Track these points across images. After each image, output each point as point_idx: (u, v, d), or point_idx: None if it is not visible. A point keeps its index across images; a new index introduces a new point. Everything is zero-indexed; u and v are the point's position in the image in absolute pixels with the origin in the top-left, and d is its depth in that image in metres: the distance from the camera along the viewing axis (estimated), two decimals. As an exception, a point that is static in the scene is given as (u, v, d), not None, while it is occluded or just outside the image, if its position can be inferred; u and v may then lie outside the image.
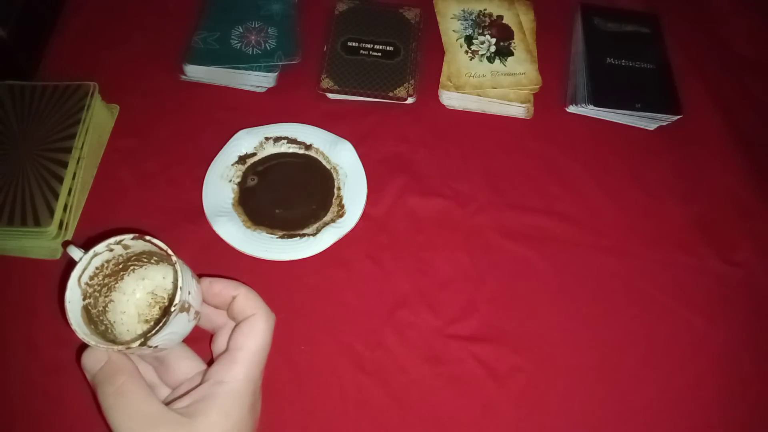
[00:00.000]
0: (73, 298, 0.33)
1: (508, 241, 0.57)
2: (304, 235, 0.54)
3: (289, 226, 0.55)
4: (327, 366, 0.50)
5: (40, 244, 0.51)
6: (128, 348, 0.31)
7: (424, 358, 0.51)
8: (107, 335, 0.34)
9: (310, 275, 0.53)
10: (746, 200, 0.61)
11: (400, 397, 0.49)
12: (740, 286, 0.56)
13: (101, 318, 0.35)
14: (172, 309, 0.31)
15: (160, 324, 0.31)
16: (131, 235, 0.33)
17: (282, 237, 0.54)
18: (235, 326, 0.35)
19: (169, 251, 0.33)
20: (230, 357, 0.33)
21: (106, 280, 0.36)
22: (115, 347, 0.31)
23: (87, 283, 0.34)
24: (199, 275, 0.36)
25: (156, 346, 0.32)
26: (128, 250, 0.35)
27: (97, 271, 0.34)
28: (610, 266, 0.56)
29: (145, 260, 0.37)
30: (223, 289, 0.36)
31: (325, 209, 0.57)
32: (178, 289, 0.31)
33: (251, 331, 0.34)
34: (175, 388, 0.36)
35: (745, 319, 0.54)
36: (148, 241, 0.33)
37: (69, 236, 0.53)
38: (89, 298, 0.34)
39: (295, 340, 0.50)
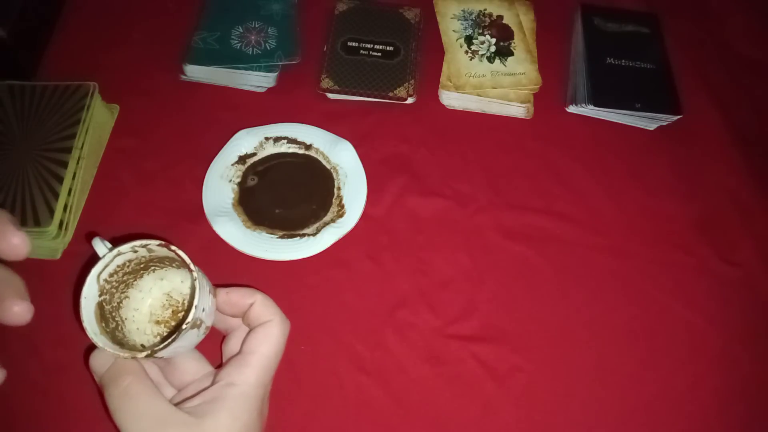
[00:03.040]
0: (90, 294, 0.33)
1: (508, 241, 0.57)
2: (304, 235, 0.54)
3: (289, 226, 0.55)
4: (327, 366, 0.50)
5: (40, 244, 0.51)
6: (134, 357, 0.31)
7: (424, 358, 0.51)
8: (116, 333, 0.34)
9: (310, 275, 0.53)
10: (746, 200, 0.61)
11: (400, 397, 0.49)
12: (740, 286, 0.56)
13: (113, 314, 0.35)
14: (184, 326, 0.31)
15: (170, 339, 0.31)
16: (157, 242, 0.33)
17: (282, 237, 0.54)
18: (250, 330, 0.35)
19: (192, 266, 0.33)
20: (243, 360, 0.34)
21: (125, 278, 0.36)
22: (122, 354, 0.31)
23: (106, 280, 0.34)
24: (215, 285, 0.36)
25: (161, 358, 0.32)
26: (152, 254, 0.35)
27: (118, 269, 0.35)
28: (610, 266, 0.56)
29: (167, 263, 0.37)
30: (240, 298, 0.36)
31: (325, 209, 0.57)
32: (193, 307, 0.31)
33: (265, 336, 0.35)
34: (181, 389, 0.36)
35: (744, 319, 0.55)
36: (173, 251, 0.33)
37: (69, 236, 0.53)
38: (105, 294, 0.34)
39: (295, 340, 0.49)
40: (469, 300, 0.53)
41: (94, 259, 0.33)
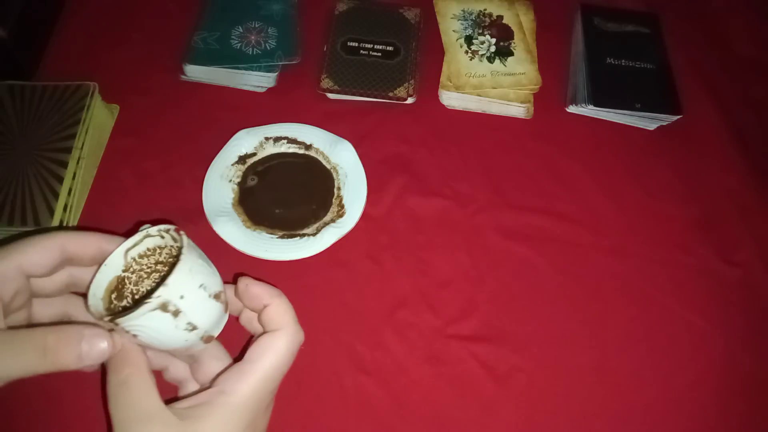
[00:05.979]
0: (112, 263, 0.33)
1: (508, 241, 0.57)
2: (304, 235, 0.54)
3: (289, 226, 0.55)
4: (327, 366, 0.50)
5: (40, 244, 0.51)
6: (107, 320, 0.30)
7: (424, 358, 0.51)
8: (123, 314, 0.34)
9: (310, 275, 0.53)
10: (746, 200, 0.61)
11: (400, 397, 0.49)
12: (740, 286, 0.56)
13: (129, 296, 0.34)
14: (146, 301, 0.29)
15: (128, 310, 0.30)
16: (173, 227, 0.34)
17: (282, 237, 0.54)
18: (258, 337, 0.34)
19: (185, 240, 0.32)
20: (241, 369, 0.32)
21: (158, 267, 0.35)
22: (104, 315, 0.31)
23: (134, 259, 0.34)
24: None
25: (133, 335, 0.31)
26: (176, 243, 0.35)
27: (149, 252, 0.35)
28: (610, 266, 0.56)
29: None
30: (259, 292, 0.34)
31: (325, 209, 0.57)
32: (164, 285, 0.30)
33: (269, 346, 0.33)
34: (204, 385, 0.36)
35: (744, 319, 0.54)
36: (165, 231, 0.33)
37: (69, 236, 0.53)
38: (133, 274, 0.34)
39: (295, 340, 0.50)
40: (469, 300, 0.53)
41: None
